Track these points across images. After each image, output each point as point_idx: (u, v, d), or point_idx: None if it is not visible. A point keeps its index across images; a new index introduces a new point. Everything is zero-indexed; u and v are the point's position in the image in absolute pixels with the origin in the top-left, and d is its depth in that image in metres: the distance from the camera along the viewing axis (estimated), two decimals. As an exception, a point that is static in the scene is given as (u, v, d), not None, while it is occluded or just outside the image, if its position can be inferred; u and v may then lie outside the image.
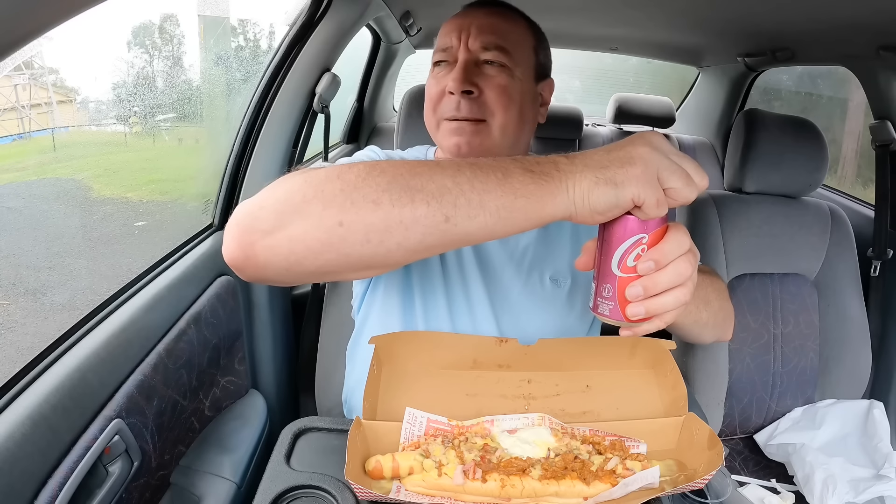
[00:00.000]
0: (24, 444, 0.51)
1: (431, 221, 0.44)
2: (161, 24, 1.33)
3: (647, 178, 0.44)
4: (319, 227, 0.45)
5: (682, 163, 0.46)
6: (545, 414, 0.62)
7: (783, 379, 1.26)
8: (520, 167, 0.46)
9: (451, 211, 0.44)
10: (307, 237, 0.45)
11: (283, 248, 0.46)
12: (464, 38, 0.74)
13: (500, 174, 0.45)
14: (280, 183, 0.48)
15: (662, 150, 0.46)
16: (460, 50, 0.75)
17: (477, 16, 0.76)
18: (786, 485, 1.12)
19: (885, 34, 1.11)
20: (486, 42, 0.74)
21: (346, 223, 0.44)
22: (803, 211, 1.29)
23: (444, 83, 0.74)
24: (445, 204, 0.44)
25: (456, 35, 0.75)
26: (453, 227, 0.45)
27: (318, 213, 0.45)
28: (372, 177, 0.45)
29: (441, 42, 0.77)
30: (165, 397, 0.73)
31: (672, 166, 0.45)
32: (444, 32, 0.77)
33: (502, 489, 0.52)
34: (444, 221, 0.44)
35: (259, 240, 0.46)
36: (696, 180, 0.46)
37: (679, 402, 0.64)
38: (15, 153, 1.12)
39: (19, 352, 0.67)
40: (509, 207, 0.45)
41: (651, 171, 0.45)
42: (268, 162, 1.14)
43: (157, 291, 0.79)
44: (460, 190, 0.44)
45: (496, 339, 0.67)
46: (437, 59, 0.78)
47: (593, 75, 3.56)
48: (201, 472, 0.78)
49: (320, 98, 1.18)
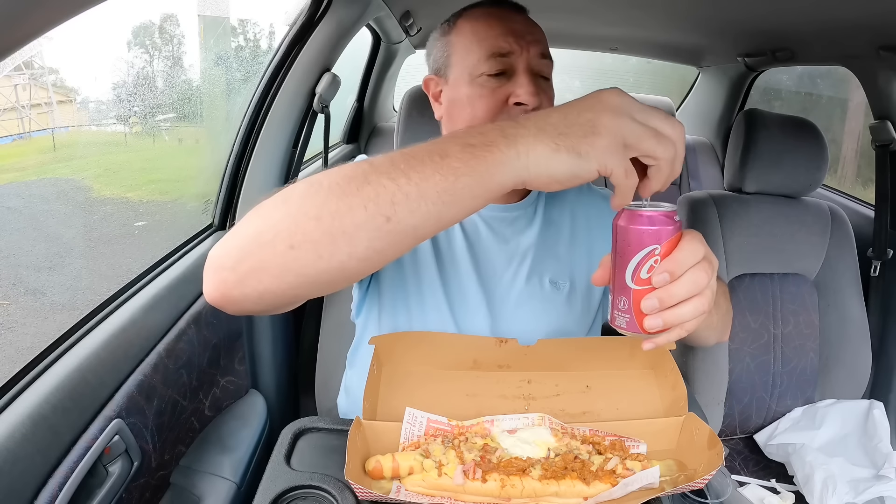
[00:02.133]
0: (24, 444, 0.51)
1: (373, 225, 0.43)
2: (161, 24, 1.33)
3: (613, 147, 0.43)
4: (274, 253, 0.45)
5: (649, 120, 0.44)
6: (545, 414, 0.62)
7: (783, 379, 1.26)
8: (459, 143, 0.44)
9: (390, 210, 0.43)
10: (266, 265, 0.46)
11: (249, 279, 0.47)
12: (524, 47, 0.71)
13: (437, 157, 0.44)
14: (244, 217, 0.49)
15: (626, 111, 0.44)
16: (521, 58, 0.71)
17: (519, 21, 0.74)
18: (786, 485, 1.12)
19: (885, 34, 1.11)
20: (541, 53, 0.72)
21: (295, 245, 0.44)
22: (803, 211, 1.29)
23: (506, 93, 0.71)
24: (383, 204, 0.43)
25: (514, 41, 0.71)
26: (397, 226, 0.44)
27: (269, 241, 0.45)
28: (310, 194, 0.45)
29: (494, 45, 0.71)
30: (165, 397, 0.73)
31: (638, 129, 0.43)
32: (496, 35, 0.72)
33: (502, 489, 0.52)
34: (386, 222, 0.43)
35: (228, 277, 0.47)
36: (668, 132, 0.44)
37: (679, 403, 0.64)
38: (15, 153, 1.12)
39: (19, 352, 0.67)
40: (451, 191, 0.43)
41: (618, 140, 0.43)
42: (268, 162, 1.14)
43: (157, 291, 0.79)
44: (396, 185, 0.43)
45: (496, 340, 0.67)
46: (497, 69, 0.71)
47: (593, 75, 3.55)
48: (201, 472, 0.78)
49: (320, 98, 1.18)
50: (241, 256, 0.47)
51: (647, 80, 3.35)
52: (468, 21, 0.75)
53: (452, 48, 0.75)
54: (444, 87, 0.77)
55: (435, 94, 0.80)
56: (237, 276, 0.47)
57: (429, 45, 0.81)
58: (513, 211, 0.78)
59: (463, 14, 0.76)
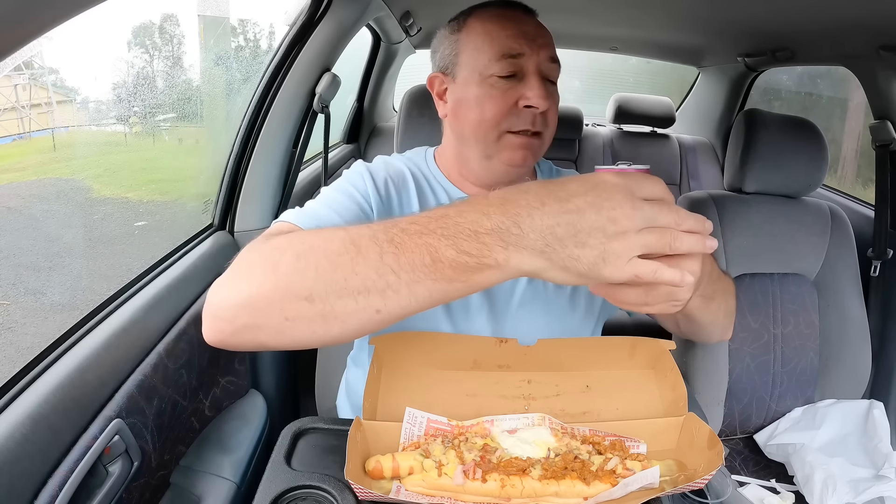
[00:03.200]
0: (24, 444, 0.51)
1: (364, 315, 0.44)
2: (161, 24, 1.33)
3: (625, 268, 0.42)
4: (269, 320, 0.46)
5: (659, 219, 0.43)
6: (545, 414, 0.62)
7: (783, 379, 1.26)
8: (454, 248, 0.42)
9: (381, 304, 0.44)
10: (262, 327, 0.47)
11: (245, 334, 0.48)
12: (535, 50, 0.71)
13: (429, 258, 0.42)
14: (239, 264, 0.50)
15: (639, 219, 0.42)
16: (532, 61, 0.71)
17: (531, 23, 0.74)
18: (786, 485, 1.12)
19: (885, 34, 1.11)
20: (550, 56, 0.72)
21: (290, 318, 0.46)
22: (803, 211, 1.29)
23: (516, 95, 0.71)
24: (373, 298, 0.44)
25: (525, 43, 0.71)
26: (387, 315, 0.45)
27: (264, 309, 0.46)
28: (299, 269, 0.45)
29: (506, 46, 0.71)
30: (165, 397, 0.73)
31: (654, 241, 0.42)
32: (508, 36, 0.71)
33: (502, 489, 0.52)
34: (377, 313, 0.44)
35: (225, 327, 0.49)
36: (699, 227, 0.44)
37: (679, 402, 0.64)
38: (15, 153, 1.12)
39: (19, 352, 0.67)
40: (442, 290, 0.44)
41: (630, 256, 0.42)
42: (268, 162, 1.14)
43: (157, 291, 0.79)
44: (386, 283, 0.43)
45: (496, 340, 0.66)
46: (508, 71, 0.71)
47: (593, 75, 3.56)
48: (201, 472, 0.78)
49: (320, 98, 1.18)
50: (237, 314, 0.48)
51: (647, 80, 3.35)
52: (479, 20, 0.74)
53: (462, 47, 0.75)
54: (451, 85, 0.77)
55: (439, 92, 0.79)
56: (234, 329, 0.48)
57: (435, 42, 0.80)
58: None
59: (473, 13, 0.76)
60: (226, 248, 1.05)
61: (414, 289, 0.43)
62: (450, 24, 0.78)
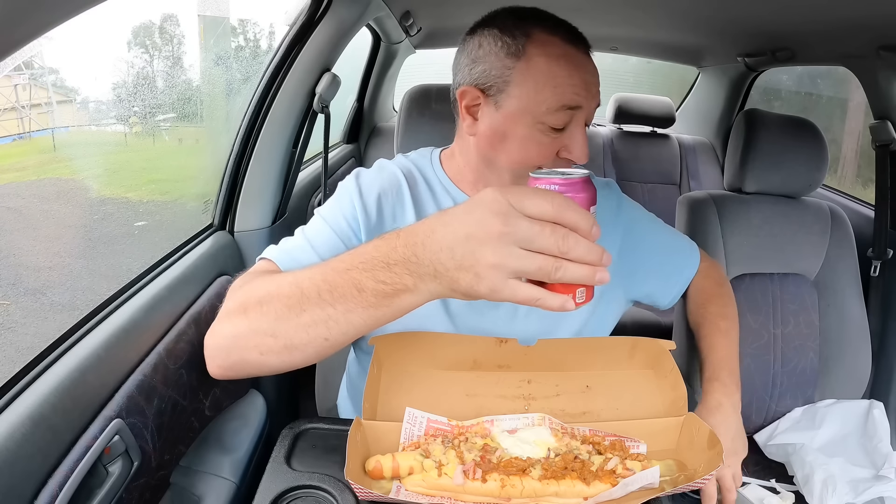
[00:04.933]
0: (24, 444, 0.51)
1: (316, 343, 0.53)
2: (161, 24, 1.33)
3: (501, 284, 0.42)
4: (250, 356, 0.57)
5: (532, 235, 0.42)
6: (545, 414, 0.62)
7: (783, 379, 1.25)
8: (372, 279, 0.48)
9: (326, 332, 0.52)
10: (247, 361, 0.58)
11: (237, 369, 0.60)
12: (590, 100, 0.68)
13: (356, 290, 0.49)
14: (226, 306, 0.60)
15: (508, 237, 0.42)
16: (583, 113, 0.68)
17: (590, 69, 0.69)
18: (785, 485, 1.12)
19: (885, 34, 1.11)
20: (598, 103, 0.71)
21: (263, 353, 0.55)
22: (803, 211, 1.29)
23: (560, 145, 0.69)
24: (319, 329, 0.52)
25: (584, 95, 0.67)
26: (335, 341, 0.53)
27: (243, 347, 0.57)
28: (263, 313, 0.55)
29: (568, 97, 0.66)
30: (165, 397, 0.73)
31: (519, 258, 0.42)
32: (573, 85, 0.67)
33: (502, 489, 0.52)
34: (325, 340, 0.52)
35: (222, 364, 0.60)
36: (591, 258, 0.42)
37: (679, 403, 0.64)
38: (15, 153, 1.12)
39: (19, 352, 0.67)
40: (373, 316, 0.50)
41: (503, 275, 0.42)
42: (268, 162, 1.14)
43: (157, 291, 0.79)
44: (326, 315, 0.51)
45: (496, 340, 0.66)
46: (563, 123, 0.67)
47: (593, 75, 3.55)
48: (201, 472, 0.78)
49: (320, 98, 1.18)
50: (226, 355, 0.59)
51: (647, 80, 3.35)
52: (544, 55, 0.67)
53: (517, 77, 0.67)
54: (490, 109, 0.70)
55: (470, 107, 0.72)
56: (228, 365, 0.60)
57: (473, 49, 0.71)
58: None
59: (534, 38, 0.68)
60: (226, 248, 1.05)
61: (349, 317, 0.50)
62: (502, 38, 0.69)
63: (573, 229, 0.42)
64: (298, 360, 0.56)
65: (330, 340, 0.53)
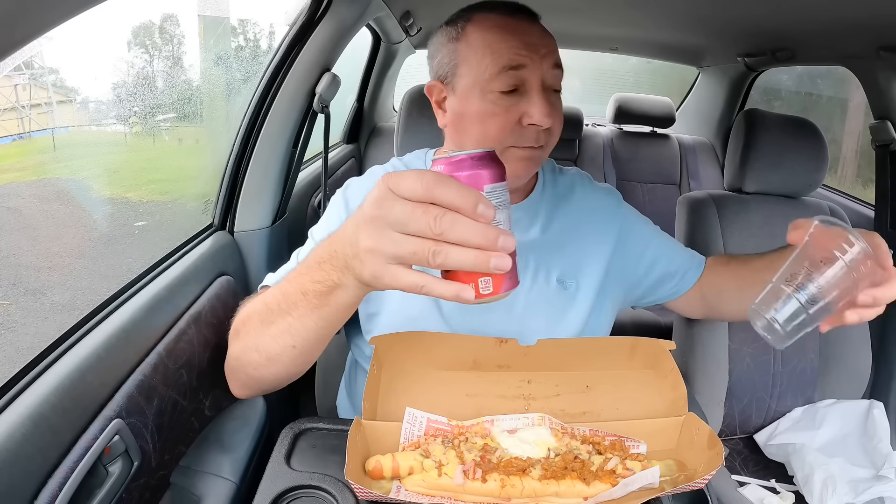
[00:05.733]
0: (24, 444, 0.51)
1: (287, 352, 0.57)
2: (161, 24, 1.33)
3: (381, 270, 0.41)
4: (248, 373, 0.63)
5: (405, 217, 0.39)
6: (545, 414, 0.62)
7: (783, 379, 1.25)
8: (311, 280, 0.51)
9: (291, 340, 0.55)
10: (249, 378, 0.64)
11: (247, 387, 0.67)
12: (536, 61, 0.68)
13: (301, 295, 0.52)
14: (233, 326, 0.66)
15: (381, 220, 0.40)
16: (535, 73, 0.68)
17: (534, 32, 0.70)
18: (785, 485, 1.12)
19: (885, 34, 1.11)
20: (554, 63, 0.69)
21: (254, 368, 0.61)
22: (803, 211, 1.29)
23: (519, 112, 0.68)
24: (285, 337, 0.56)
25: (527, 54, 0.68)
26: (303, 347, 0.56)
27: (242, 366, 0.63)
28: (246, 331, 0.61)
29: (507, 58, 0.67)
30: (165, 397, 0.73)
31: (394, 242, 0.40)
32: (510, 48, 0.68)
33: (502, 489, 0.52)
34: (293, 348, 0.56)
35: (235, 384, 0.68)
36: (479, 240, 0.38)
37: (679, 402, 0.64)
38: (15, 153, 1.12)
39: (19, 352, 0.67)
40: (323, 317, 0.52)
41: (381, 260, 0.41)
42: (268, 162, 1.14)
43: (157, 291, 0.79)
44: (287, 323, 0.55)
45: (496, 340, 0.66)
46: (510, 85, 0.68)
47: (593, 75, 3.56)
48: (201, 472, 0.78)
49: (320, 98, 1.18)
50: (234, 375, 0.67)
51: (647, 80, 3.36)
52: (479, 29, 0.70)
53: (461, 57, 0.71)
54: (450, 95, 0.74)
55: (438, 101, 0.76)
56: (240, 384, 0.67)
57: (432, 48, 0.77)
58: (514, 212, 0.78)
59: (472, 18, 0.72)
60: (226, 248, 1.05)
61: (304, 322, 0.53)
62: (447, 29, 0.74)
63: (451, 208, 0.38)
64: (281, 371, 0.60)
65: (297, 348, 0.56)
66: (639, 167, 2.39)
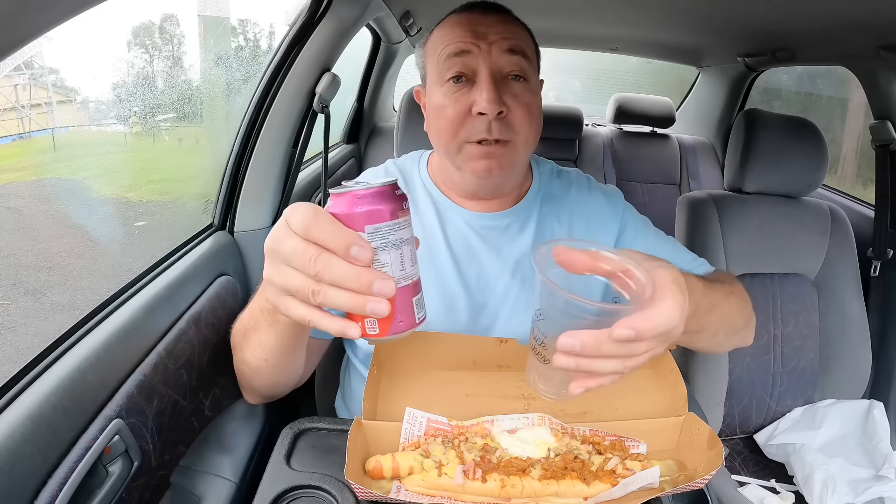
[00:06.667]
0: (24, 444, 0.51)
1: (263, 364, 0.62)
2: (161, 24, 1.33)
3: (279, 299, 0.42)
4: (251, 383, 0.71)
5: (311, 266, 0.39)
6: (545, 414, 0.62)
7: (783, 379, 1.26)
8: (262, 299, 0.56)
9: (262, 354, 0.61)
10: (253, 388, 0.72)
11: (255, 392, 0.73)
12: (484, 47, 0.67)
13: (259, 312, 0.58)
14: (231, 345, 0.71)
15: (277, 252, 0.40)
16: (482, 60, 0.67)
17: (487, 21, 0.69)
18: (785, 485, 1.12)
19: (885, 34, 1.11)
20: (508, 48, 0.68)
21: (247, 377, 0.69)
22: (803, 211, 1.29)
23: (468, 102, 0.67)
24: (257, 351, 0.61)
25: (472, 40, 0.67)
26: (272, 361, 0.61)
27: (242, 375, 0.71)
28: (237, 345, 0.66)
29: (452, 46, 0.68)
30: (165, 397, 0.73)
31: (284, 276, 0.40)
32: (456, 36, 0.68)
33: (502, 489, 0.52)
34: (265, 361, 0.61)
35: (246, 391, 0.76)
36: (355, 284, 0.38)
37: (679, 402, 0.64)
38: (15, 153, 1.12)
39: (19, 352, 0.67)
40: (278, 332, 0.56)
41: (279, 290, 0.42)
42: (268, 162, 1.14)
43: (157, 291, 0.79)
44: (256, 339, 0.60)
45: (496, 340, 0.66)
46: (455, 70, 0.68)
47: (593, 75, 3.57)
48: (201, 472, 0.78)
49: (320, 98, 1.18)
50: (242, 383, 0.74)
51: (647, 80, 3.35)
52: (439, 28, 0.73)
53: (426, 56, 0.74)
54: (425, 97, 0.77)
55: (423, 105, 0.78)
56: (246, 392, 0.75)
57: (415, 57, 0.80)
58: (503, 218, 0.77)
59: (438, 25, 0.74)
60: (226, 248, 1.05)
61: (267, 337, 0.58)
62: (422, 40, 0.78)
63: (327, 249, 0.38)
64: (266, 381, 0.66)
65: (269, 361, 0.60)
66: (639, 167, 2.39)
